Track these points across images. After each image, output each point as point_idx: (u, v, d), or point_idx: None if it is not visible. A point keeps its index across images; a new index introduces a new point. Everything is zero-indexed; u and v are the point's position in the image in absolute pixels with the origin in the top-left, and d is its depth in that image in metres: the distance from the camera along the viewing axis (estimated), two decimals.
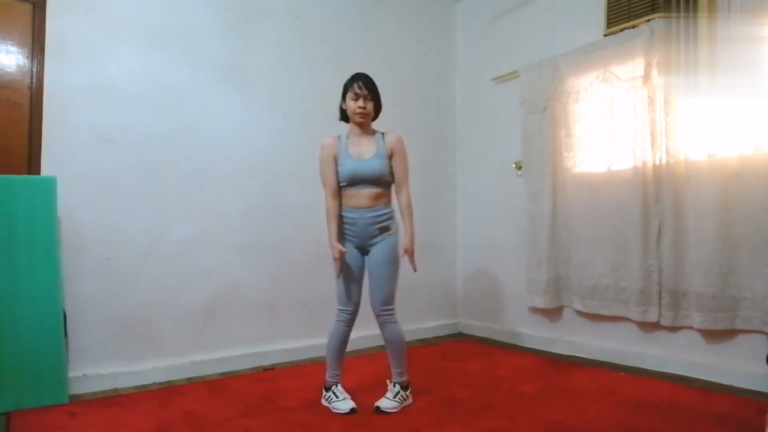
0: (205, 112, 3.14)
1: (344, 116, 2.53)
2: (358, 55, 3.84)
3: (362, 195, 2.41)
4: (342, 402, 2.39)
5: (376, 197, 2.42)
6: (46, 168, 2.64)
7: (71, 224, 2.69)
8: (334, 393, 2.45)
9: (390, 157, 2.46)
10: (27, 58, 2.64)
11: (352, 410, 2.35)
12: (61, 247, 2.61)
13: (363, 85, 2.43)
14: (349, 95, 2.44)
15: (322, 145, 2.49)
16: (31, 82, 2.64)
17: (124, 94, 2.87)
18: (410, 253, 2.46)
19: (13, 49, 2.62)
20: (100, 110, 2.79)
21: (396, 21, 4.08)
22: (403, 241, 2.47)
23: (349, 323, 2.47)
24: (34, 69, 2.65)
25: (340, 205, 2.45)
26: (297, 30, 3.54)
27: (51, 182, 2.53)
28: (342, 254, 2.38)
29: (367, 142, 2.47)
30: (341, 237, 2.44)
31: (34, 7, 2.65)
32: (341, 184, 2.44)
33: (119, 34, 2.86)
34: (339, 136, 2.51)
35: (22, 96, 2.63)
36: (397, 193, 2.50)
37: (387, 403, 2.38)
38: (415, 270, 2.50)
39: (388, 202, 2.48)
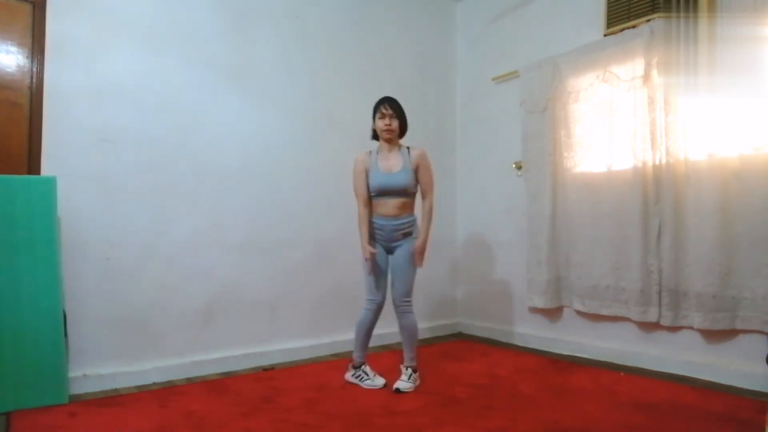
0: (205, 112, 3.14)
1: (375, 135, 2.85)
2: (358, 55, 3.84)
3: (389, 204, 2.74)
4: (375, 379, 2.76)
5: (402, 207, 2.75)
6: (46, 168, 2.64)
7: (71, 224, 2.69)
8: (365, 372, 2.80)
9: (415, 170, 2.76)
10: (27, 58, 2.64)
11: (384, 385, 2.72)
12: (61, 247, 2.61)
13: (389, 106, 2.76)
14: (377, 115, 2.77)
15: (356, 160, 2.81)
16: (31, 82, 2.64)
17: (124, 94, 2.87)
18: (419, 252, 2.75)
19: (13, 49, 2.62)
20: (100, 110, 2.80)
21: (396, 21, 4.08)
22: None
23: (376, 312, 2.79)
24: (34, 69, 2.65)
25: (371, 212, 2.77)
26: (297, 30, 3.54)
27: (51, 182, 2.53)
28: (372, 255, 2.70)
29: (394, 156, 2.77)
30: (372, 238, 2.76)
31: (34, 7, 2.65)
32: (371, 195, 2.76)
33: (119, 34, 2.86)
34: (370, 152, 2.83)
35: (22, 96, 2.63)
36: (422, 199, 2.81)
37: (404, 384, 2.67)
38: (420, 266, 2.80)
39: (412, 211, 2.81)
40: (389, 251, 2.79)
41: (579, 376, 2.93)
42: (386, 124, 2.72)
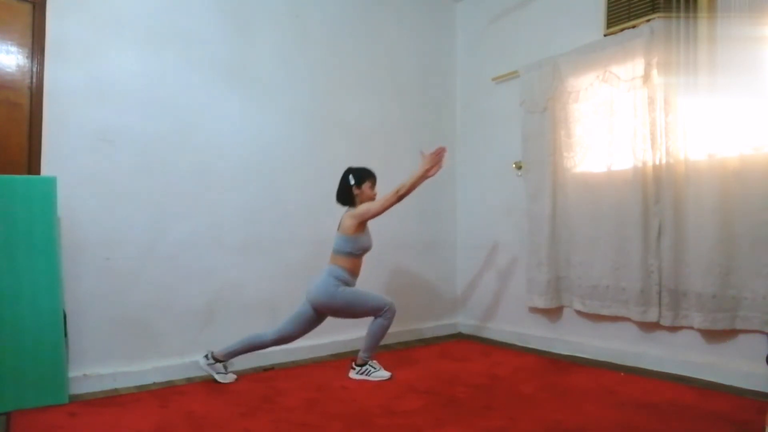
0: (205, 112, 3.14)
1: (348, 198, 2.97)
2: (357, 55, 3.84)
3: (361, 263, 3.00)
4: (382, 371, 2.90)
5: None
6: (46, 168, 2.64)
7: (71, 224, 2.69)
8: (371, 366, 2.91)
9: None
10: (27, 58, 2.64)
11: (391, 377, 2.87)
12: (61, 247, 2.61)
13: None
14: (369, 184, 2.97)
15: (361, 208, 2.91)
16: (31, 82, 2.64)
17: (124, 94, 2.87)
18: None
19: (13, 49, 2.62)
20: (100, 110, 2.80)
21: (396, 21, 4.08)
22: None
23: None
24: (34, 69, 2.64)
25: (346, 269, 2.88)
26: (297, 30, 3.54)
27: (51, 182, 2.53)
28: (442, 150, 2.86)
29: None
30: (347, 283, 2.89)
31: (34, 7, 2.65)
32: (357, 253, 2.91)
33: (119, 34, 2.86)
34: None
35: (22, 96, 2.63)
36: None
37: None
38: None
39: None
40: None
41: (579, 376, 2.93)
42: (375, 194, 2.98)
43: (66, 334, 2.56)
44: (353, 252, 2.89)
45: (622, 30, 3.19)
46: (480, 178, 4.23)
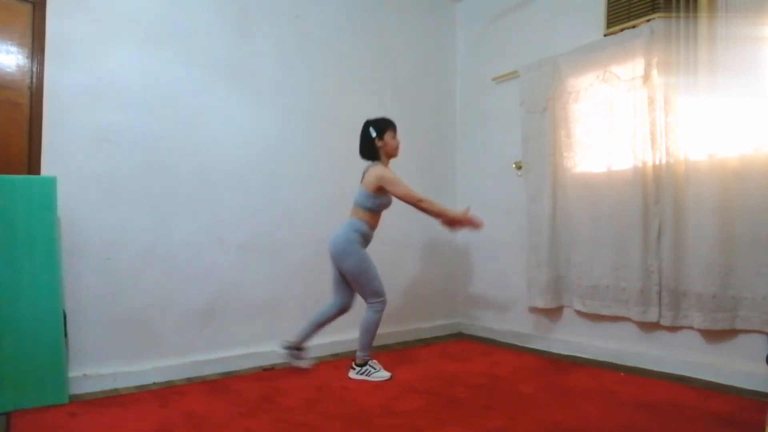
0: (205, 112, 3.14)
1: (372, 151, 2.94)
2: (358, 55, 3.84)
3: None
4: (383, 371, 2.89)
5: None
6: (46, 168, 2.64)
7: (71, 224, 2.69)
8: (372, 366, 2.90)
9: None
10: (27, 58, 2.64)
11: (391, 378, 2.87)
12: (61, 247, 2.61)
13: None
14: (391, 134, 2.95)
15: (388, 170, 2.92)
16: (31, 82, 2.64)
17: (124, 94, 2.87)
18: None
19: (13, 49, 2.62)
20: (100, 110, 2.79)
21: (396, 21, 4.08)
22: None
23: None
24: (34, 69, 2.64)
25: (366, 223, 2.90)
26: (297, 30, 3.54)
27: (51, 182, 2.53)
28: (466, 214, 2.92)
29: None
30: (362, 243, 2.90)
31: (34, 7, 2.65)
32: (377, 209, 2.93)
33: (119, 34, 2.86)
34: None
35: (22, 96, 2.63)
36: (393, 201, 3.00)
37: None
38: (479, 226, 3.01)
39: None
40: None
41: (579, 376, 2.93)
42: (398, 143, 2.98)
43: (66, 334, 2.56)
44: (373, 208, 2.92)
45: (622, 30, 3.19)
46: (480, 178, 4.23)
